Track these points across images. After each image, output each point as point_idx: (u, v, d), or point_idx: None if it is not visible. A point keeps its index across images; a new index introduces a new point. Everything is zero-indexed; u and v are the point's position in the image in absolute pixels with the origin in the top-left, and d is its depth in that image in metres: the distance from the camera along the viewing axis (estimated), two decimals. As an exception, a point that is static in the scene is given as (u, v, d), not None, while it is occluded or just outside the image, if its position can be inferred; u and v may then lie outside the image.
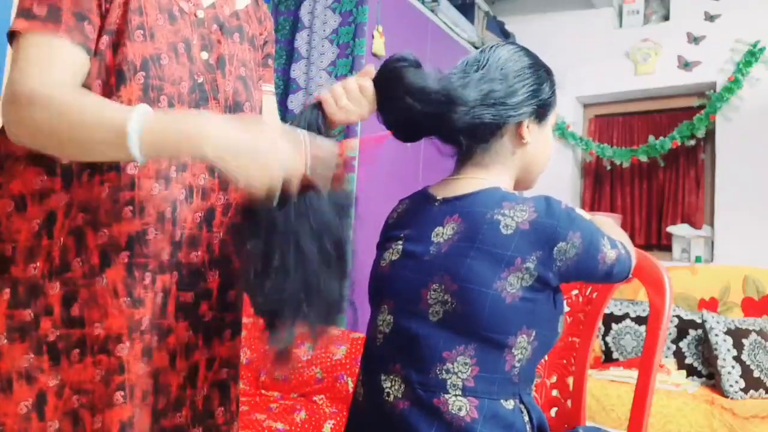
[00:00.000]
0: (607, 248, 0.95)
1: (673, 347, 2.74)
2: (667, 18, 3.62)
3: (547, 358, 1.31)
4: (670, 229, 3.42)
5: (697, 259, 3.29)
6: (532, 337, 0.93)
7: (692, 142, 3.40)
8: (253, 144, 0.74)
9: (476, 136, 0.99)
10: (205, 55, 0.98)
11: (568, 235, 0.91)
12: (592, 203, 3.81)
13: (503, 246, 0.91)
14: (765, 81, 3.23)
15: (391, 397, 0.94)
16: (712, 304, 2.90)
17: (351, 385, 1.96)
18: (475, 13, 3.60)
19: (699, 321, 2.71)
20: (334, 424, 1.89)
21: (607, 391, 2.50)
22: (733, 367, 2.49)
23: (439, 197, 1.02)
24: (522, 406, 0.94)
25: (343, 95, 0.94)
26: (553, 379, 1.30)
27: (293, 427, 1.79)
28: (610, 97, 3.75)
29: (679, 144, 3.40)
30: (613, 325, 2.89)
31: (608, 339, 2.89)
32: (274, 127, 0.81)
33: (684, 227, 3.41)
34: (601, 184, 3.80)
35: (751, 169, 3.21)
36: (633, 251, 1.03)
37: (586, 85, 3.70)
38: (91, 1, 0.87)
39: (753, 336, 2.57)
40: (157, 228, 0.92)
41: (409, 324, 0.95)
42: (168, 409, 0.93)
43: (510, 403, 0.92)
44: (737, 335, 2.55)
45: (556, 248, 0.91)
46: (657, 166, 3.56)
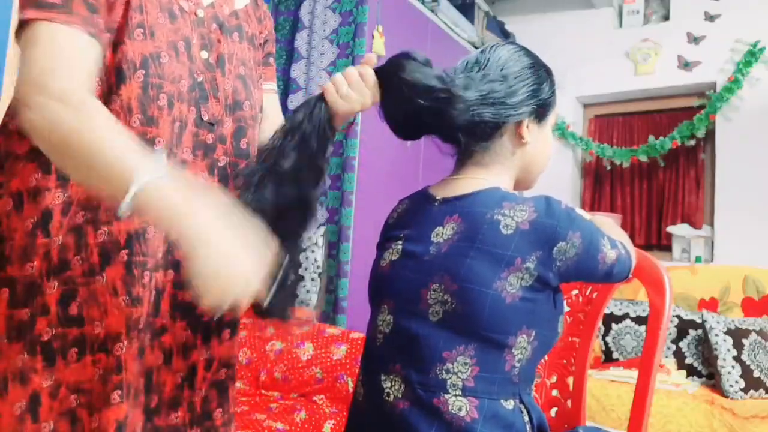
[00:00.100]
0: (607, 248, 0.95)
1: (673, 347, 2.74)
2: (667, 18, 3.62)
3: (547, 358, 1.31)
4: (670, 229, 3.42)
5: (697, 259, 3.29)
6: (532, 337, 0.93)
7: (692, 142, 3.40)
8: (228, 262, 0.73)
9: (476, 134, 0.99)
10: (204, 54, 0.97)
11: (568, 235, 0.91)
12: (592, 203, 3.81)
13: (503, 246, 0.91)
14: (765, 81, 3.23)
15: (391, 397, 0.94)
16: (712, 304, 2.90)
17: (351, 385, 1.96)
18: (475, 13, 3.60)
19: (699, 321, 2.71)
20: (334, 424, 1.89)
21: (607, 391, 2.50)
22: (733, 367, 2.48)
23: (439, 197, 1.02)
24: (522, 406, 0.94)
25: (344, 83, 0.94)
26: (553, 379, 1.30)
27: (293, 427, 1.79)
28: (610, 97, 3.75)
29: (679, 144, 3.40)
30: (613, 325, 2.89)
31: (608, 339, 2.89)
32: (257, 243, 0.78)
33: (684, 227, 3.41)
34: (601, 184, 3.80)
35: (751, 169, 3.21)
36: (633, 251, 1.03)
37: (586, 85, 3.70)
38: None
39: (753, 336, 2.57)
40: (157, 227, 0.91)
41: (409, 324, 0.95)
42: (161, 408, 0.93)
43: (510, 403, 0.92)
44: (737, 335, 2.55)
45: (556, 248, 0.91)
46: (657, 166, 3.56)
